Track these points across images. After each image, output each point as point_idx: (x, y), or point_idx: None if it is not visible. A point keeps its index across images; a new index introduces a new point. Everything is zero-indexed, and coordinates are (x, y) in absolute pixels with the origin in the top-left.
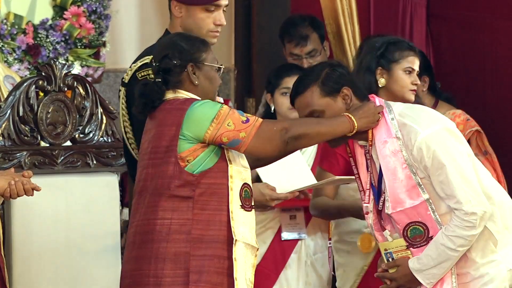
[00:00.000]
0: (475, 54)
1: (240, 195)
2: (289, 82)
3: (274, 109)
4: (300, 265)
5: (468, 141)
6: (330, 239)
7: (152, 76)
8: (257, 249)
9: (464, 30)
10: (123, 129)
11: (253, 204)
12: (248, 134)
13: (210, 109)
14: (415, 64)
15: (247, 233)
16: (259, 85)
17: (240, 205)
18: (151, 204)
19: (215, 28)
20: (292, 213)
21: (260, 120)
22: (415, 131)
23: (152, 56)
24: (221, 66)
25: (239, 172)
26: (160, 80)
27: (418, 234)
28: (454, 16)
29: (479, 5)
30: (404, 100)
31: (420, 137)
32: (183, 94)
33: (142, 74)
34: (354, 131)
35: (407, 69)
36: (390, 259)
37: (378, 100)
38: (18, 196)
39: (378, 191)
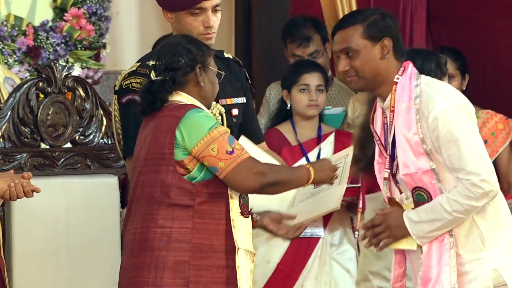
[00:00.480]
0: (475, 55)
1: (240, 202)
2: (308, 78)
3: (290, 106)
4: (321, 264)
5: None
6: (357, 230)
7: (134, 84)
8: (254, 255)
9: (464, 31)
10: (115, 135)
11: (250, 209)
12: (227, 166)
13: (203, 125)
14: None
15: (247, 239)
16: (259, 87)
17: (240, 212)
18: (149, 212)
19: (205, 31)
20: None
21: (245, 156)
22: (434, 100)
23: (139, 63)
24: (221, 72)
25: None
26: (168, 78)
27: (422, 200)
28: (454, 17)
29: (479, 5)
30: None
31: (438, 107)
32: (183, 97)
33: (126, 82)
34: (309, 183)
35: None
36: None
37: (411, 67)
38: (18, 198)
39: (392, 153)
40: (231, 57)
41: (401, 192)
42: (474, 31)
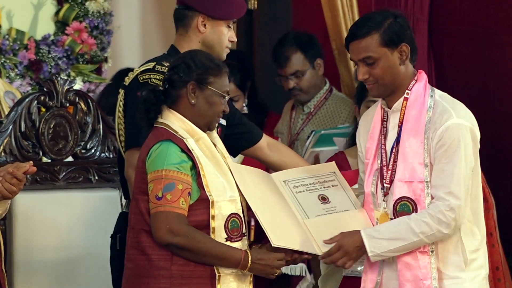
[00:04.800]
0: (477, 69)
1: (226, 227)
2: None
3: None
4: None
5: None
6: None
7: (154, 80)
8: (251, 275)
9: (465, 45)
10: (117, 131)
11: (244, 231)
12: (151, 209)
13: (160, 160)
14: None
15: None
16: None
17: (226, 238)
18: (133, 239)
19: (229, 45)
20: None
21: (169, 209)
22: (449, 113)
23: (155, 62)
24: (224, 95)
25: (223, 205)
26: (161, 89)
27: (405, 211)
28: (456, 31)
29: (482, 20)
30: None
31: (452, 121)
32: (173, 117)
33: (144, 77)
34: (240, 269)
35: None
36: None
37: (425, 76)
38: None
39: (387, 158)
40: None
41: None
42: (475, 46)
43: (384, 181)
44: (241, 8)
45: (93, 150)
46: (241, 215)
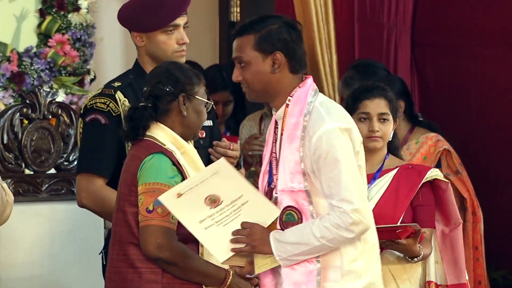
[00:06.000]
0: (460, 82)
1: None
2: (369, 106)
3: None
4: None
5: (439, 161)
6: None
7: (99, 104)
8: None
9: (448, 58)
10: None
11: None
12: (140, 222)
13: (152, 173)
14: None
15: None
16: (244, 112)
17: None
18: (121, 252)
19: (180, 48)
20: None
21: (159, 223)
22: (322, 120)
23: (103, 87)
24: (210, 102)
25: None
26: (150, 105)
27: (291, 221)
28: (439, 44)
29: (464, 32)
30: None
31: (325, 127)
32: (161, 131)
33: (91, 103)
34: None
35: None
36: None
37: (310, 82)
38: None
39: (270, 167)
40: None
41: None
42: (459, 58)
43: (274, 190)
44: (171, 12)
45: (75, 162)
46: None
